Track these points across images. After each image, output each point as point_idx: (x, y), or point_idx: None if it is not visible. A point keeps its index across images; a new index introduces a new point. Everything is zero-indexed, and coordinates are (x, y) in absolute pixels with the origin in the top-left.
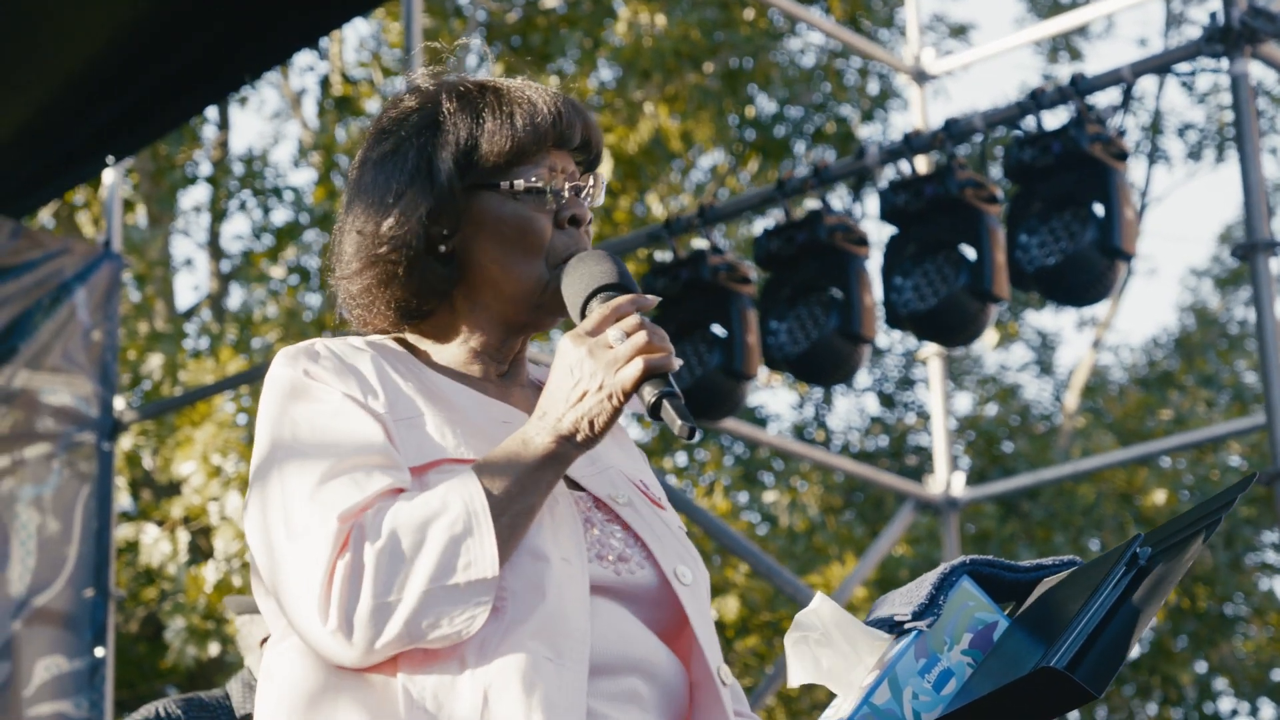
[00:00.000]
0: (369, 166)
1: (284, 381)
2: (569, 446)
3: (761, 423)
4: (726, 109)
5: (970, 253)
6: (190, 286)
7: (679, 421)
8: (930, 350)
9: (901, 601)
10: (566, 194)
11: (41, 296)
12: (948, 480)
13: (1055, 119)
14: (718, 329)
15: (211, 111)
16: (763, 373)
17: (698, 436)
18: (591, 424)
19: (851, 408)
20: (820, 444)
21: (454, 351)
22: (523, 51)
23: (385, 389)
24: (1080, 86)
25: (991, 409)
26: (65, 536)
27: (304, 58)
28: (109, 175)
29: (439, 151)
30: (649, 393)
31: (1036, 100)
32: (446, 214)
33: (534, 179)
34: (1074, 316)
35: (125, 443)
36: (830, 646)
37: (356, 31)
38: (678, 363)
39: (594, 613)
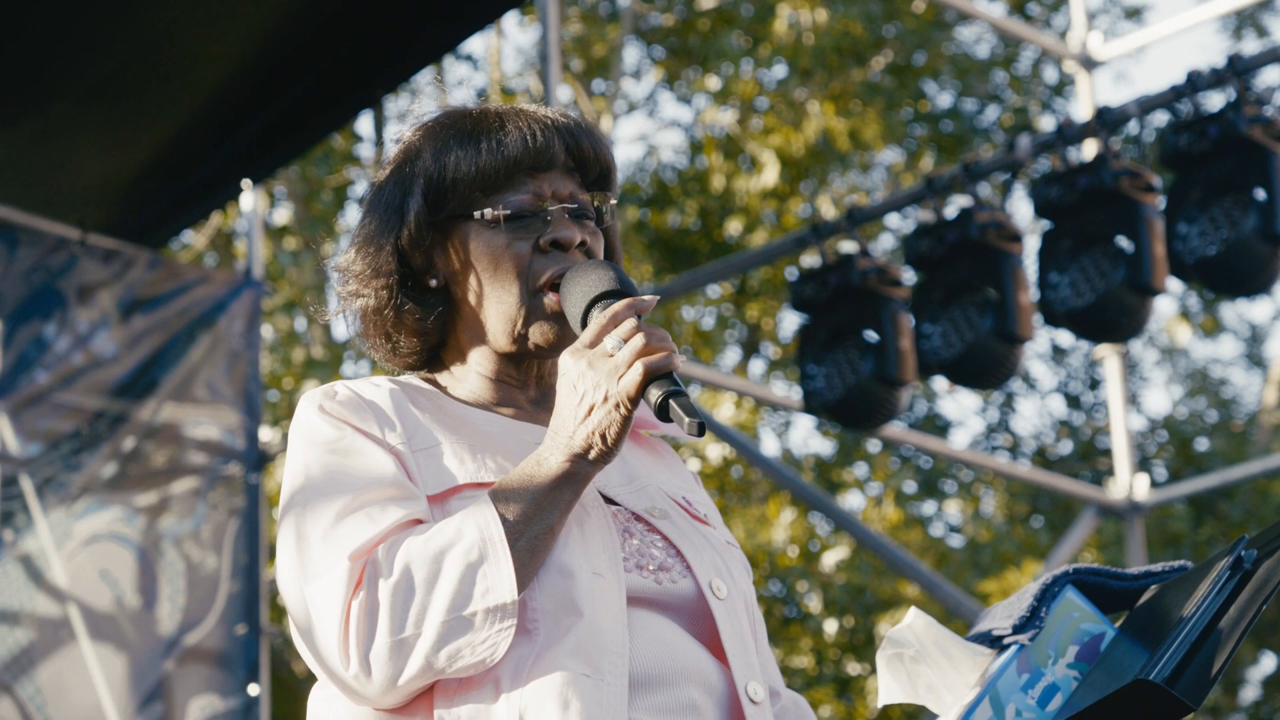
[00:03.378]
0: (362, 207)
1: (302, 424)
2: (583, 464)
3: (943, 429)
4: (898, 104)
5: (1128, 245)
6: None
7: (686, 419)
8: (1107, 348)
9: (1002, 615)
10: (552, 216)
11: (182, 328)
12: (1130, 483)
13: (1219, 102)
14: (870, 335)
15: (368, 129)
16: (944, 380)
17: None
18: (604, 437)
19: (1039, 410)
20: (1007, 449)
21: (475, 384)
22: (681, 54)
23: (403, 421)
24: (1238, 67)
25: (1198, 404)
26: (215, 573)
27: (460, 70)
28: (247, 200)
29: (411, 186)
30: (655, 394)
31: (1192, 83)
32: (419, 247)
33: (508, 206)
34: (1271, 306)
35: (280, 474)
36: (926, 663)
37: (514, 43)
38: (680, 359)
39: (638, 625)
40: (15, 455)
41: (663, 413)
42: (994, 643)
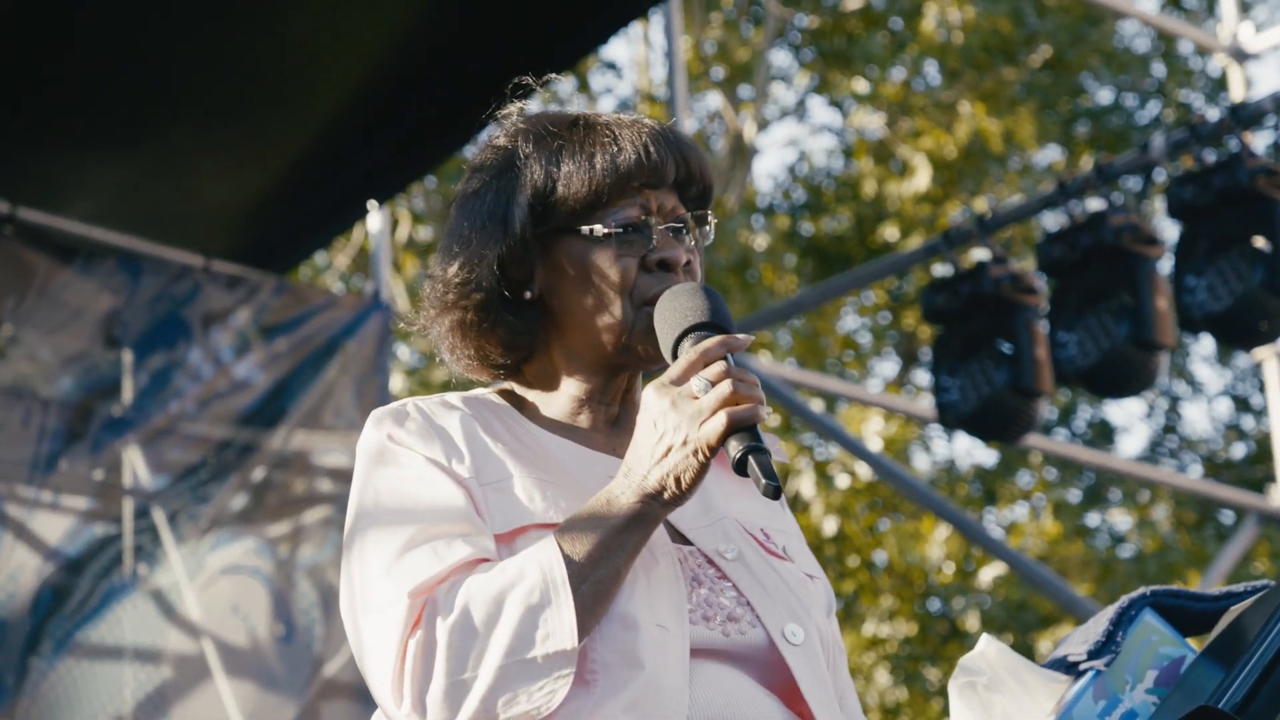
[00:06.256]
0: (454, 208)
1: (370, 446)
2: (655, 505)
3: (1110, 435)
4: (1053, 103)
5: (1265, 246)
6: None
7: (763, 480)
8: (1266, 350)
9: (1078, 640)
10: (656, 236)
11: (310, 353)
12: None
13: None
14: (1004, 344)
15: None
16: None
17: (782, 500)
18: (678, 481)
19: (1207, 414)
20: (1174, 455)
21: (558, 401)
22: (829, 57)
23: (472, 451)
24: None
25: None
26: None
27: (604, 79)
28: (374, 221)
29: (515, 196)
30: (734, 448)
31: None
32: (521, 260)
33: (616, 222)
34: None
35: None
36: (1000, 691)
37: (661, 50)
38: (766, 412)
39: (699, 675)
40: (146, 487)
41: (740, 468)
42: (1070, 669)
